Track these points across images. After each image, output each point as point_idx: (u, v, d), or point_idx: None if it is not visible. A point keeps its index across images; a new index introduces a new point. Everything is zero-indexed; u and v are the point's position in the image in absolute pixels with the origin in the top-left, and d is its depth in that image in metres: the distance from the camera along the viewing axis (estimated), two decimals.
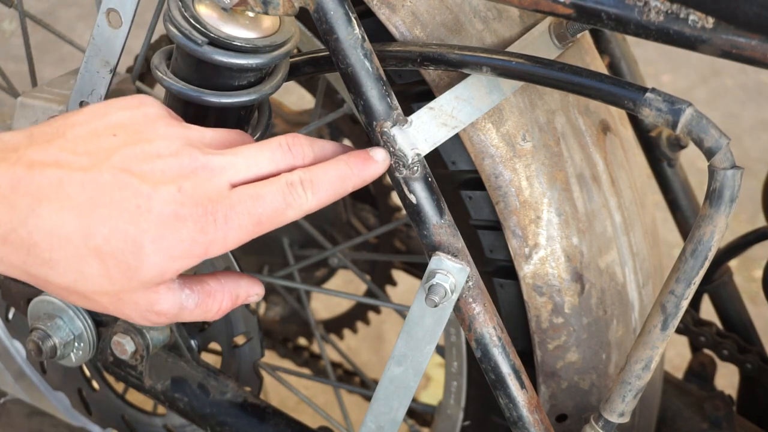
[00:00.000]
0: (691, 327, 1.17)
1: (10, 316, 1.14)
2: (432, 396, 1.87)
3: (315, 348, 1.69)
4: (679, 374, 1.20)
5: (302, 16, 0.82)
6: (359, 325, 1.68)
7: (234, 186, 0.62)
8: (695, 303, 1.22)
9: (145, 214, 0.58)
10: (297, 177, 0.63)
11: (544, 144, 0.79)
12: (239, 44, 0.69)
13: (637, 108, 0.63)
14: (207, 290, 0.65)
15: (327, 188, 0.64)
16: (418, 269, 1.53)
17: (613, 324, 0.85)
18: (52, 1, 3.08)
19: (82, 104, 0.81)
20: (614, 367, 0.87)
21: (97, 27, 0.77)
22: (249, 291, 0.69)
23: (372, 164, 0.66)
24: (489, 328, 0.72)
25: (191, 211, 0.59)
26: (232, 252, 0.89)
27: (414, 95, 0.80)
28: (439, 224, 0.70)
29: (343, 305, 1.75)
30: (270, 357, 1.70)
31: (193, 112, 0.75)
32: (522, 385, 0.74)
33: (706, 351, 1.19)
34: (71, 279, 0.59)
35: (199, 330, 1.03)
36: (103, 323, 1.00)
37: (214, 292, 0.66)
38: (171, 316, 0.63)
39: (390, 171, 0.69)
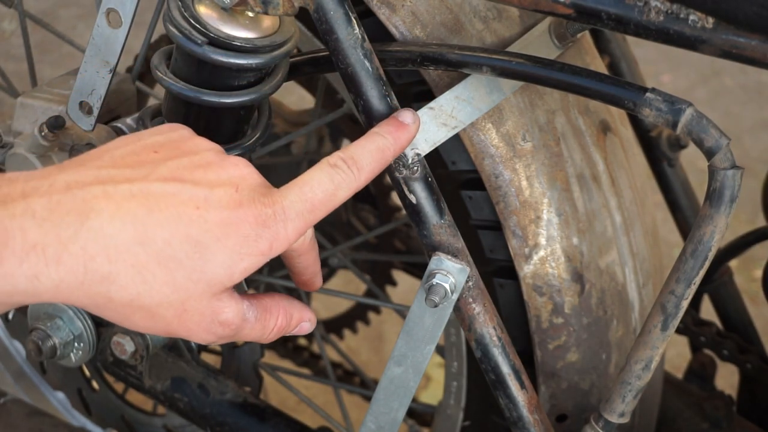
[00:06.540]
0: (691, 327, 1.17)
1: (10, 316, 1.14)
2: (432, 396, 1.87)
3: (315, 348, 1.69)
4: (679, 374, 1.20)
5: (302, 16, 0.82)
6: (359, 325, 1.68)
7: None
8: (695, 303, 1.22)
9: (204, 215, 0.57)
10: (337, 157, 0.63)
11: (544, 144, 0.79)
12: (239, 44, 0.68)
13: (637, 108, 0.63)
14: (264, 305, 0.64)
15: (369, 161, 0.64)
16: (418, 269, 1.53)
17: (613, 324, 0.85)
18: (52, 1, 3.08)
19: (81, 104, 0.81)
20: (614, 367, 0.87)
21: (97, 27, 0.77)
22: (302, 315, 0.67)
23: (404, 129, 0.67)
24: (489, 328, 0.72)
25: (250, 207, 0.58)
26: None
27: (414, 95, 0.80)
28: (439, 224, 0.70)
29: (343, 305, 1.74)
30: (270, 357, 1.70)
31: (192, 112, 0.75)
32: (522, 386, 0.74)
33: (706, 351, 1.19)
34: (135, 291, 0.56)
35: None
36: (103, 323, 1.00)
37: (270, 307, 0.65)
38: (234, 328, 0.61)
39: (390, 171, 0.69)
